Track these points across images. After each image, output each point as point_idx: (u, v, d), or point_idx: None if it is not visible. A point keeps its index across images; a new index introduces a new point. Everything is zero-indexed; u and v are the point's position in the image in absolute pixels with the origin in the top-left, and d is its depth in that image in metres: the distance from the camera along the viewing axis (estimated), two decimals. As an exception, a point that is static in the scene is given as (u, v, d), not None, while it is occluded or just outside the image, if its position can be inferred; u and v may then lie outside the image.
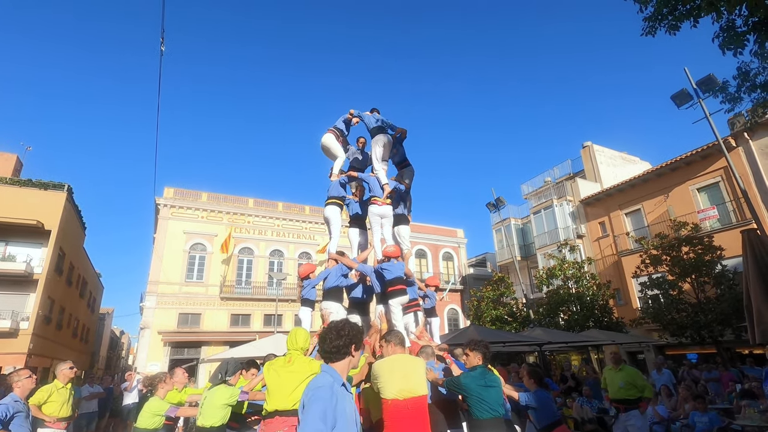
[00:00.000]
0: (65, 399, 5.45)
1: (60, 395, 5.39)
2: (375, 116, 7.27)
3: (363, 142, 7.80)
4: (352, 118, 7.44)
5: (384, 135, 6.99)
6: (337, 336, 2.26)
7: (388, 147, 7.04)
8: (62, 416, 5.35)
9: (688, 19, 5.48)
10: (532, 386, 4.44)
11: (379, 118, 7.20)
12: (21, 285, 18.96)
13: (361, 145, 7.80)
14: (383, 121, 7.17)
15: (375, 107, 7.57)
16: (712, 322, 12.90)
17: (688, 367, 11.72)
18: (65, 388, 5.52)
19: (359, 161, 7.69)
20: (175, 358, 21.23)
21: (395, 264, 5.83)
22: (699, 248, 13.80)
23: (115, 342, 62.10)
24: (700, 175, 18.31)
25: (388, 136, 7.02)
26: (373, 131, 7.07)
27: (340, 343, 2.24)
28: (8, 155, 23.39)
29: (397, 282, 5.68)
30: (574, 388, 10.17)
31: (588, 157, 25.21)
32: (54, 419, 5.20)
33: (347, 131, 7.50)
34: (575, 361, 19.88)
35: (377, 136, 6.99)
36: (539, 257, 24.17)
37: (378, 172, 6.94)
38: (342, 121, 7.37)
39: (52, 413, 5.18)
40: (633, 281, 18.59)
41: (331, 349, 2.24)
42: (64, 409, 5.38)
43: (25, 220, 18.65)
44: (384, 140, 6.96)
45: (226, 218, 25.10)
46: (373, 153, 7.06)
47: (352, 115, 7.42)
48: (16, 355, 17.58)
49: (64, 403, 5.41)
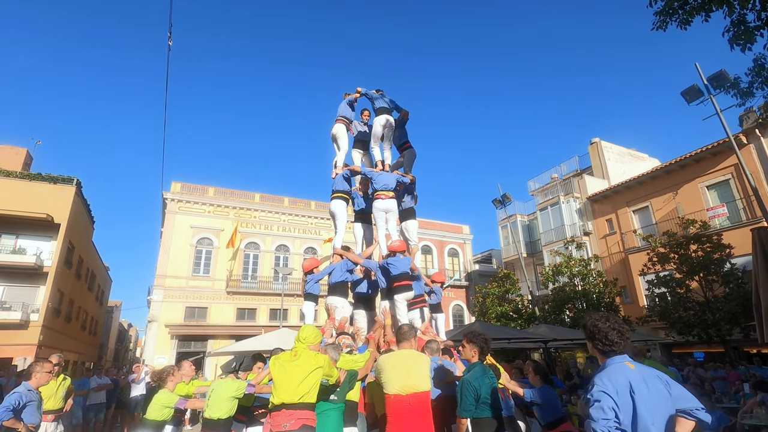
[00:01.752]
0: (53, 392, 5.45)
1: (48, 388, 5.38)
2: (380, 95, 7.29)
3: (368, 114, 7.80)
4: (356, 97, 7.47)
5: (384, 116, 6.98)
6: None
7: (390, 128, 7.08)
8: (49, 409, 5.36)
9: (700, 14, 5.40)
10: (537, 383, 4.44)
11: (385, 99, 7.21)
12: (31, 278, 19.23)
13: (365, 117, 7.83)
14: (389, 102, 7.21)
15: (380, 88, 7.57)
16: (720, 320, 12.80)
17: (693, 366, 11.65)
18: (54, 381, 5.51)
19: (364, 134, 7.74)
20: (182, 351, 21.48)
21: (401, 259, 5.82)
22: (707, 246, 13.66)
23: (123, 335, 62.87)
24: (710, 172, 18.08)
25: (389, 117, 7.01)
26: (377, 111, 7.09)
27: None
28: (19, 149, 23.65)
29: (402, 277, 5.68)
30: (579, 385, 10.16)
31: (596, 154, 24.98)
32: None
33: (353, 111, 7.57)
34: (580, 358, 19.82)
35: (379, 116, 7.00)
36: (545, 254, 24.06)
37: (373, 149, 7.07)
38: (347, 105, 7.40)
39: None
40: (640, 279, 18.46)
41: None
42: (51, 402, 5.38)
43: (35, 213, 18.87)
44: (383, 121, 6.95)
45: (233, 213, 25.25)
46: (373, 133, 7.10)
47: (360, 93, 7.42)
48: (27, 346, 17.86)
49: (51, 396, 5.41)
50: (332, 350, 3.94)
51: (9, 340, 17.29)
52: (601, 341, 2.18)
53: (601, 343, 2.18)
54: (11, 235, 19.49)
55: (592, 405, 2.00)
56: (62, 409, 5.71)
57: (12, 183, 19.25)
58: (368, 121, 7.80)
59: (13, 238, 19.49)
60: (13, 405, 4.41)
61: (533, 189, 27.60)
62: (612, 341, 2.15)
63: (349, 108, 7.45)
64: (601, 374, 2.10)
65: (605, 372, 2.10)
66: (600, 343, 2.19)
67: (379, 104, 7.08)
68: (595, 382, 2.06)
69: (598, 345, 2.20)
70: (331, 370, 3.48)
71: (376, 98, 7.21)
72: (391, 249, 5.92)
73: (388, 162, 7.08)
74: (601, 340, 2.18)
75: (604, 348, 2.18)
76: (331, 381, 3.52)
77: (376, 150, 7.12)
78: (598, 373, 2.13)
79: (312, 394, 3.28)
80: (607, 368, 2.12)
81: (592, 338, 2.23)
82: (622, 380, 2.01)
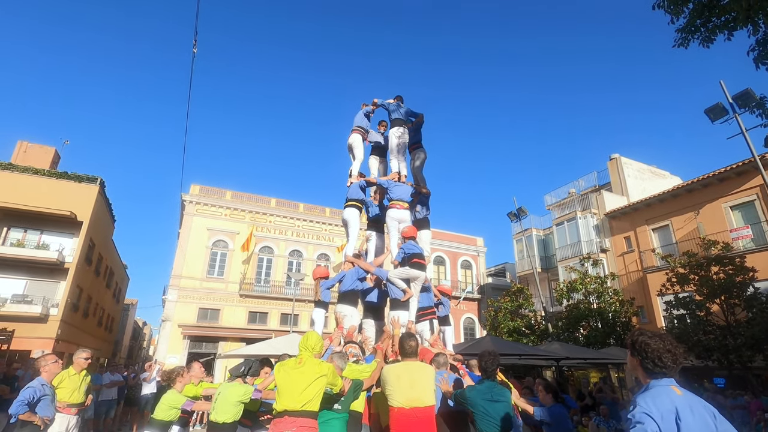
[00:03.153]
0: (76, 386, 5.54)
1: (71, 382, 5.49)
2: (396, 105, 7.46)
3: (385, 125, 8.01)
4: (374, 109, 7.70)
5: (399, 127, 7.20)
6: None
7: (404, 137, 7.27)
8: (72, 402, 5.45)
9: (723, 32, 5.32)
10: (548, 401, 4.36)
11: (401, 110, 7.39)
12: (53, 273, 19.80)
13: (382, 128, 8.03)
14: (406, 113, 7.41)
15: (399, 95, 7.70)
16: (742, 346, 12.34)
17: (712, 392, 11.23)
18: (77, 376, 5.62)
19: (380, 144, 7.92)
20: (194, 351, 21.72)
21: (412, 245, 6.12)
22: (730, 269, 13.25)
23: (138, 332, 63.93)
24: (734, 192, 17.60)
25: (403, 129, 7.23)
26: (393, 122, 7.32)
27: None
28: (48, 148, 24.52)
29: (416, 257, 5.95)
30: (591, 406, 9.88)
31: (615, 170, 24.59)
32: (64, 405, 5.30)
33: (369, 122, 7.78)
34: (594, 378, 19.33)
35: (394, 128, 7.24)
36: (560, 270, 23.66)
37: (391, 160, 7.29)
38: (363, 115, 7.58)
39: (62, 399, 5.28)
40: (658, 299, 17.97)
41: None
42: (74, 396, 5.48)
43: (60, 210, 19.49)
44: (398, 132, 7.18)
45: (249, 217, 25.60)
46: (390, 144, 7.38)
47: (376, 104, 7.63)
48: (45, 339, 18.33)
49: (74, 389, 5.50)
50: (338, 359, 3.94)
51: (29, 332, 17.78)
52: (652, 361, 2.02)
53: (652, 363, 2.02)
54: (36, 230, 20.14)
55: (633, 426, 1.88)
56: (84, 403, 5.86)
57: (39, 180, 19.97)
58: (385, 131, 7.95)
59: (37, 234, 20.14)
60: (28, 399, 4.53)
61: (550, 203, 27.27)
62: (665, 364, 2.01)
63: (366, 118, 7.59)
64: (645, 395, 1.97)
65: (649, 393, 1.97)
66: (650, 363, 2.03)
67: (395, 115, 7.23)
68: (638, 402, 1.93)
69: (648, 364, 2.04)
70: (335, 378, 3.48)
71: (392, 109, 7.34)
72: (403, 234, 6.23)
73: (404, 173, 7.16)
74: (652, 359, 2.02)
75: (654, 369, 2.03)
76: (335, 390, 3.51)
77: (393, 161, 7.25)
78: (640, 394, 2.00)
79: (315, 402, 3.28)
80: (651, 390, 1.99)
81: (640, 355, 2.07)
82: (668, 405, 1.89)
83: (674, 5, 5.50)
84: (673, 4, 5.50)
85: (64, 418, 5.33)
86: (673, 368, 2.02)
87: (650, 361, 2.03)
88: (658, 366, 2.02)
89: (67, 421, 5.41)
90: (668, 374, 2.03)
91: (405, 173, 7.25)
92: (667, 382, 2.01)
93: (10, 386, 7.63)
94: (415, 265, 5.88)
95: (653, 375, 2.04)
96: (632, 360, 2.15)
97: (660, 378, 2.03)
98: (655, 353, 2.02)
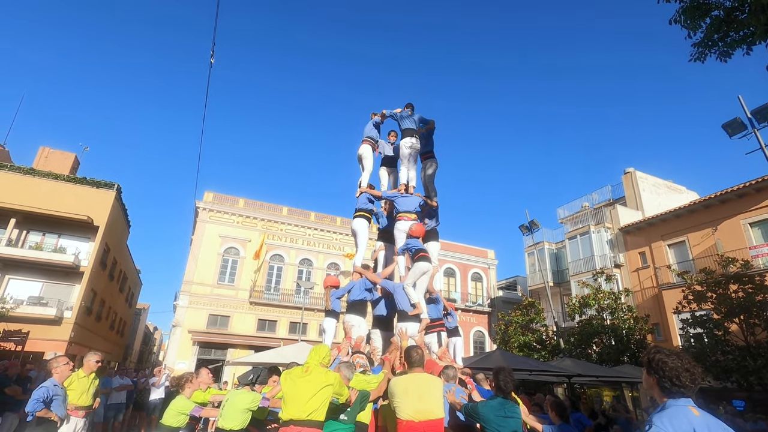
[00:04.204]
0: (85, 388, 5.58)
1: (81, 384, 5.54)
2: (406, 113, 7.47)
3: (395, 135, 8.00)
4: (383, 119, 7.71)
5: (409, 138, 7.19)
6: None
7: (415, 147, 7.27)
8: (81, 405, 5.49)
9: (741, 47, 5.26)
10: (556, 420, 4.27)
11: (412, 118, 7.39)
12: (68, 276, 20.19)
13: (393, 139, 8.02)
14: (417, 120, 7.42)
15: (410, 102, 7.69)
16: (762, 368, 11.93)
17: (732, 415, 10.84)
18: (87, 378, 5.66)
19: (390, 155, 7.91)
20: (202, 357, 21.82)
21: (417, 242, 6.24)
22: (749, 287, 12.88)
23: (149, 337, 64.47)
24: (753, 208, 17.19)
25: (413, 140, 7.23)
26: (403, 132, 7.31)
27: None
28: (68, 154, 25.21)
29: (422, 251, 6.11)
30: (604, 426, 9.61)
31: (630, 184, 24.25)
32: (72, 407, 5.33)
33: (379, 132, 7.80)
34: (607, 397, 18.83)
35: (405, 138, 7.22)
36: (573, 284, 23.27)
37: (401, 170, 7.29)
38: (373, 126, 7.60)
39: (71, 401, 5.31)
40: (674, 317, 17.52)
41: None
42: (83, 398, 5.51)
43: (77, 215, 19.94)
44: (409, 142, 7.18)
45: (260, 225, 25.82)
46: (401, 155, 7.36)
47: (384, 116, 7.64)
48: (58, 342, 18.61)
49: (83, 392, 5.54)
50: (346, 368, 3.93)
51: (43, 334, 18.07)
52: (669, 380, 1.97)
53: (670, 382, 1.97)
54: (54, 234, 20.62)
55: None
56: (92, 406, 5.90)
57: (59, 185, 20.49)
58: (395, 142, 7.96)
59: (55, 237, 20.60)
60: (43, 398, 4.61)
61: (562, 217, 26.95)
62: (683, 383, 1.95)
63: (375, 129, 7.61)
64: (661, 415, 1.91)
65: (666, 413, 1.91)
66: (668, 382, 1.97)
67: (405, 125, 7.23)
68: (654, 422, 1.89)
69: (665, 383, 1.98)
70: (341, 388, 3.46)
71: (402, 119, 7.35)
72: (410, 233, 6.33)
73: (413, 184, 7.15)
74: (670, 378, 1.97)
75: (671, 388, 1.97)
76: (342, 400, 3.49)
77: (403, 170, 7.24)
78: (657, 413, 1.95)
79: (321, 411, 3.26)
80: (668, 409, 1.93)
81: (657, 374, 2.01)
82: (685, 426, 1.84)
83: (691, 20, 5.47)
84: (690, 18, 5.47)
85: (72, 421, 5.38)
86: (691, 388, 1.97)
87: (668, 380, 1.98)
88: (676, 385, 1.96)
89: (75, 423, 5.46)
90: (686, 394, 1.97)
91: (414, 184, 7.24)
92: (685, 402, 1.96)
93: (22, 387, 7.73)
94: (421, 258, 5.99)
95: (670, 394, 1.98)
96: (648, 378, 2.09)
97: (678, 398, 1.97)
98: (673, 372, 1.97)
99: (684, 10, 5.47)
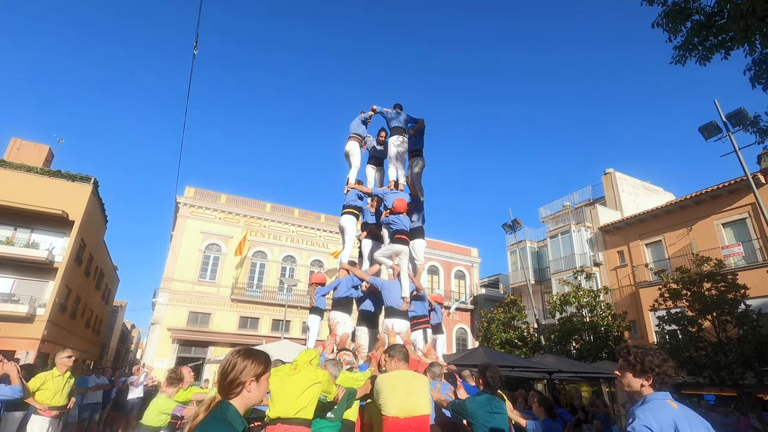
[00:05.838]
0: (59, 388, 5.33)
1: (55, 383, 5.29)
2: (395, 113, 7.48)
3: (384, 134, 7.98)
4: (371, 115, 7.71)
5: (398, 136, 7.23)
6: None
7: (403, 146, 7.30)
8: (54, 405, 5.24)
9: (720, 51, 5.40)
10: (541, 415, 4.32)
11: (400, 117, 7.40)
12: (41, 272, 19.49)
13: (382, 138, 8.02)
14: (405, 120, 7.44)
15: (398, 103, 7.67)
16: (733, 363, 12.38)
17: (705, 410, 11.22)
18: (61, 377, 5.42)
19: (379, 152, 7.92)
20: (182, 355, 21.42)
21: (402, 217, 6.32)
22: (722, 285, 13.33)
23: (126, 335, 62.98)
24: (726, 210, 17.79)
25: (402, 137, 7.26)
26: (392, 131, 7.35)
27: None
28: (41, 146, 24.28)
29: (402, 233, 6.20)
30: (584, 420, 9.81)
31: (609, 184, 24.82)
32: (45, 407, 5.11)
33: (366, 129, 7.79)
34: (585, 392, 19.27)
35: (393, 136, 7.27)
36: (554, 282, 23.71)
37: (389, 168, 7.32)
38: (360, 122, 7.57)
39: (44, 401, 5.10)
40: (650, 314, 18.02)
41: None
42: (56, 398, 5.27)
43: (51, 209, 19.26)
44: (397, 141, 7.22)
45: (243, 221, 25.45)
46: (389, 153, 7.37)
47: (374, 111, 7.65)
48: (31, 340, 17.98)
49: (57, 392, 5.29)
50: (332, 366, 3.90)
51: (14, 332, 17.44)
52: (659, 375, 2.04)
53: (660, 378, 2.05)
54: (26, 229, 19.85)
55: None
56: (66, 407, 5.66)
57: (32, 178, 19.73)
58: (384, 141, 7.95)
59: (28, 232, 19.85)
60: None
61: (544, 216, 27.40)
62: (670, 376, 2.04)
63: (363, 125, 7.58)
64: (644, 408, 1.99)
65: (648, 407, 1.99)
66: (659, 378, 2.05)
67: (394, 123, 7.24)
68: (638, 416, 1.96)
69: (656, 379, 2.05)
70: (329, 386, 3.43)
71: (391, 117, 7.34)
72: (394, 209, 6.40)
73: (402, 181, 7.16)
74: (659, 374, 2.04)
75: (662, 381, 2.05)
76: (329, 398, 3.46)
77: (391, 169, 7.24)
78: (639, 407, 2.03)
79: (309, 409, 3.22)
80: (649, 403, 2.01)
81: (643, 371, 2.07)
82: (666, 419, 1.92)
83: (673, 23, 5.59)
84: (672, 22, 5.59)
85: (44, 421, 5.15)
86: (673, 379, 2.07)
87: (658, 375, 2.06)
88: (666, 383, 2.05)
89: (48, 424, 5.24)
90: (664, 388, 2.06)
91: (403, 182, 7.26)
92: (664, 396, 2.04)
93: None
94: (398, 240, 6.07)
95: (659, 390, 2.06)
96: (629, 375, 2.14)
97: (657, 392, 2.05)
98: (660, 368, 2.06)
99: (666, 14, 5.59)
